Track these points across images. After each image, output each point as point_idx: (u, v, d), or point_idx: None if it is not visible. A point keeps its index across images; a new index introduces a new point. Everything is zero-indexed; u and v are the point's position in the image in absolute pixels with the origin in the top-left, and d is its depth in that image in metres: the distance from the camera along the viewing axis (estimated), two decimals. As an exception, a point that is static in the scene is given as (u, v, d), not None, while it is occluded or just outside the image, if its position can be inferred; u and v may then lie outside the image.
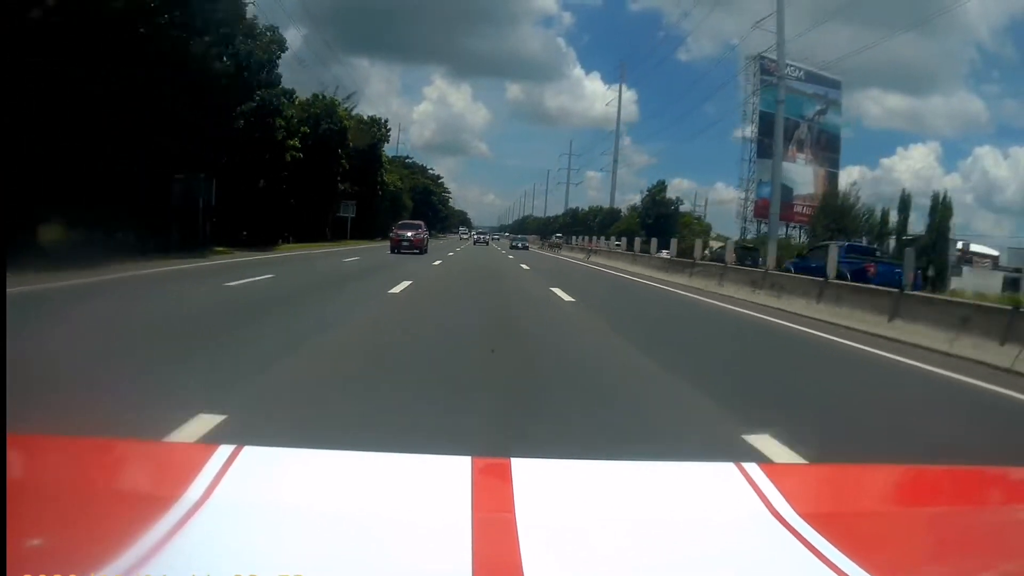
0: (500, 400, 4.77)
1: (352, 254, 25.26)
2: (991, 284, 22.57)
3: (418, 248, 28.04)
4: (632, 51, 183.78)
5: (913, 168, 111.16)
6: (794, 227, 37.61)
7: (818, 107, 37.06)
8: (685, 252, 21.94)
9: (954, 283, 23.96)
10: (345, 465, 1.03)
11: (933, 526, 0.98)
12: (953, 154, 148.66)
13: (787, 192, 35.03)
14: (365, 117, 46.56)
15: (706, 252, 21.46)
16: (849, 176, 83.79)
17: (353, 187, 42.57)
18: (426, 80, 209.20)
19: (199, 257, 18.34)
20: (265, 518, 0.82)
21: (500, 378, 5.57)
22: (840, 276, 12.47)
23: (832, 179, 37.41)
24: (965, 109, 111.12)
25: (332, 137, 36.53)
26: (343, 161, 39.10)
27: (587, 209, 71.91)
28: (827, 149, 37.21)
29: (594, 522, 0.85)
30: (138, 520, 0.75)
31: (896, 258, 18.66)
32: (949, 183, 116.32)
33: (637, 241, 27.19)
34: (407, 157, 63.15)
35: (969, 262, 29.75)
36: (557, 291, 13.74)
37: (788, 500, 0.89)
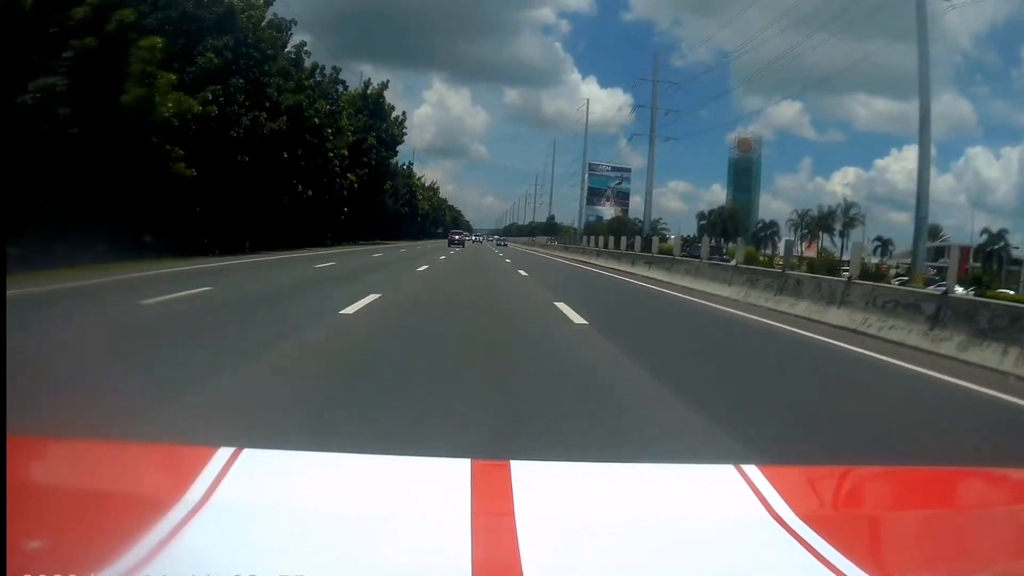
0: (475, 276, 19.51)
1: (431, 243, 64.94)
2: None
3: (461, 244, 56.34)
4: (628, 57, 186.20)
5: (907, 168, 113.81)
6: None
7: (616, 182, 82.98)
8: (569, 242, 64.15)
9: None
10: (345, 467, 1.04)
11: (932, 527, 0.99)
12: (947, 155, 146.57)
13: (599, 219, 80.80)
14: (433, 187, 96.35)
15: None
16: (844, 177, 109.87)
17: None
18: (426, 85, 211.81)
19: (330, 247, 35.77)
20: (265, 520, 0.83)
21: (477, 270, 22.17)
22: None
23: (624, 212, 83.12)
24: (953, 112, 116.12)
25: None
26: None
27: (537, 221, 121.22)
28: (620, 198, 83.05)
29: (593, 524, 0.86)
30: (138, 522, 0.76)
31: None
32: (943, 184, 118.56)
33: (543, 238, 72.28)
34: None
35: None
36: (502, 255, 39.46)
37: (787, 501, 0.91)
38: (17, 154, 12.62)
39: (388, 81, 60.03)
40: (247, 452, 0.96)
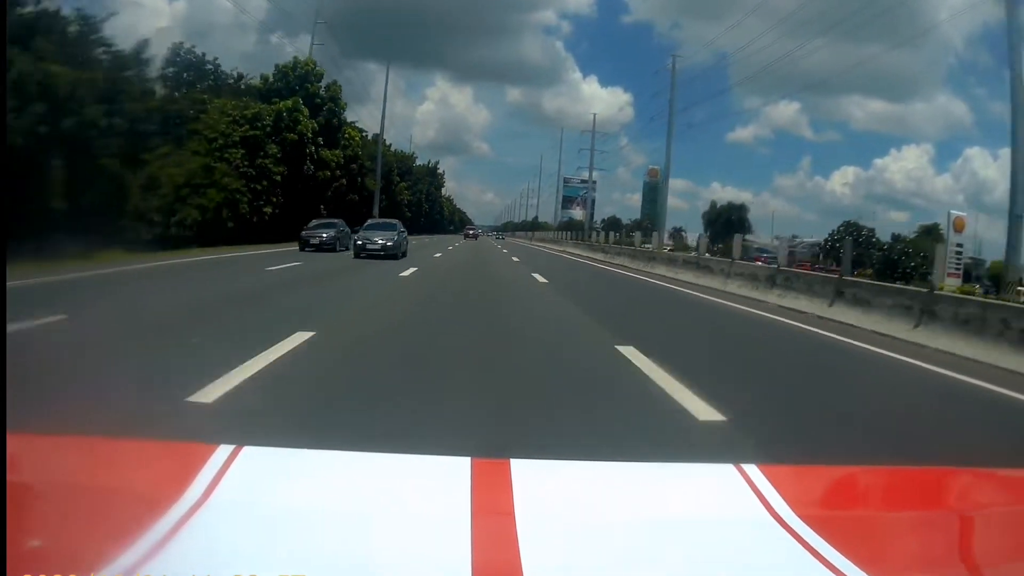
0: (475, 250, 37.27)
1: (448, 236, 76.79)
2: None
3: (475, 238, 66.54)
4: (627, 57, 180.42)
5: (905, 169, 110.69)
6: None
7: (584, 191, 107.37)
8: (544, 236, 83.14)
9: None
10: (345, 465, 1.05)
11: (932, 527, 1.00)
12: (945, 155, 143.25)
13: (570, 220, 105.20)
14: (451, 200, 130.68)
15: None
16: (844, 176, 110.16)
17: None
18: (429, 83, 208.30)
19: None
20: (264, 518, 0.83)
21: (477, 250, 36.82)
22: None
23: (589, 216, 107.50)
24: (948, 112, 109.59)
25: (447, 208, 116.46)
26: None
27: (528, 220, 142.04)
28: (587, 204, 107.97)
29: (593, 523, 0.87)
30: (138, 520, 0.76)
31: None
32: (940, 184, 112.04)
33: (530, 233, 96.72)
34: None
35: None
36: (497, 245, 54.87)
37: (787, 501, 0.91)
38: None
39: (439, 161, 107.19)
40: (247, 450, 0.96)
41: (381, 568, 0.75)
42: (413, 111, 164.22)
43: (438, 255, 27.05)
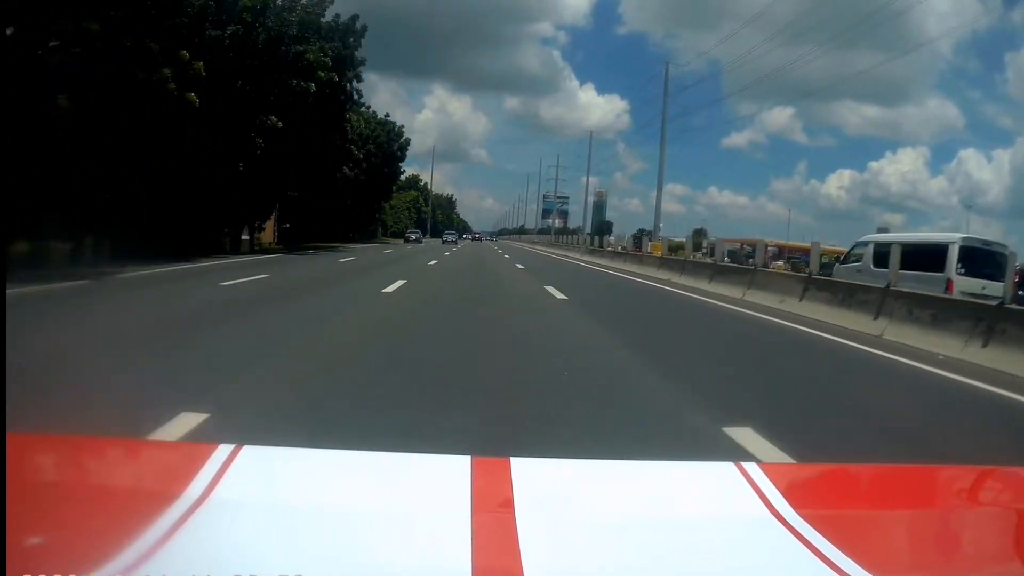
0: (477, 250, 47.95)
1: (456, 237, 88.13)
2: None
3: (480, 240, 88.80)
4: (624, 66, 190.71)
5: (900, 171, 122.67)
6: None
7: (560, 204, 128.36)
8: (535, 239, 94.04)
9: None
10: (344, 464, 1.05)
11: (933, 526, 1.00)
12: (939, 158, 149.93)
13: (549, 227, 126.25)
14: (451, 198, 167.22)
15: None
16: (840, 179, 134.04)
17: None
18: (428, 92, 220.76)
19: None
20: (264, 517, 0.84)
21: (477, 252, 44.28)
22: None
23: (564, 223, 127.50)
24: (941, 116, 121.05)
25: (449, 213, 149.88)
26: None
27: (519, 226, 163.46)
28: (562, 215, 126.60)
29: (594, 521, 0.87)
30: (137, 519, 0.77)
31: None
32: (935, 186, 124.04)
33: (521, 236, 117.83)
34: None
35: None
36: (495, 247, 63.69)
37: (788, 499, 0.91)
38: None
39: (453, 194, 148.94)
40: (247, 449, 0.96)
41: (381, 567, 0.75)
42: (412, 120, 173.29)
43: (460, 245, 57.16)
